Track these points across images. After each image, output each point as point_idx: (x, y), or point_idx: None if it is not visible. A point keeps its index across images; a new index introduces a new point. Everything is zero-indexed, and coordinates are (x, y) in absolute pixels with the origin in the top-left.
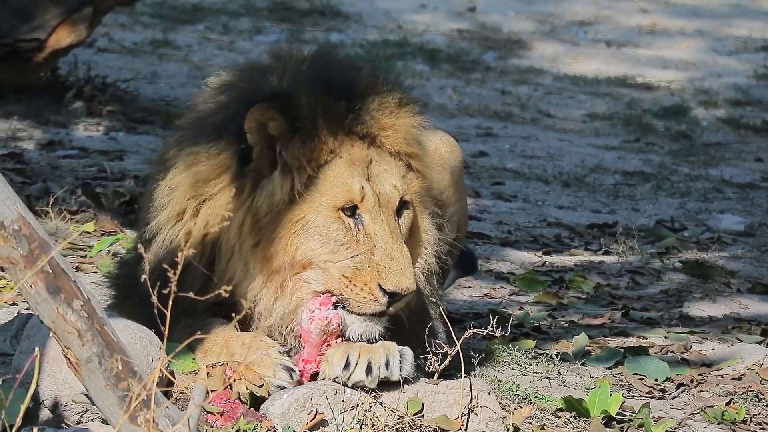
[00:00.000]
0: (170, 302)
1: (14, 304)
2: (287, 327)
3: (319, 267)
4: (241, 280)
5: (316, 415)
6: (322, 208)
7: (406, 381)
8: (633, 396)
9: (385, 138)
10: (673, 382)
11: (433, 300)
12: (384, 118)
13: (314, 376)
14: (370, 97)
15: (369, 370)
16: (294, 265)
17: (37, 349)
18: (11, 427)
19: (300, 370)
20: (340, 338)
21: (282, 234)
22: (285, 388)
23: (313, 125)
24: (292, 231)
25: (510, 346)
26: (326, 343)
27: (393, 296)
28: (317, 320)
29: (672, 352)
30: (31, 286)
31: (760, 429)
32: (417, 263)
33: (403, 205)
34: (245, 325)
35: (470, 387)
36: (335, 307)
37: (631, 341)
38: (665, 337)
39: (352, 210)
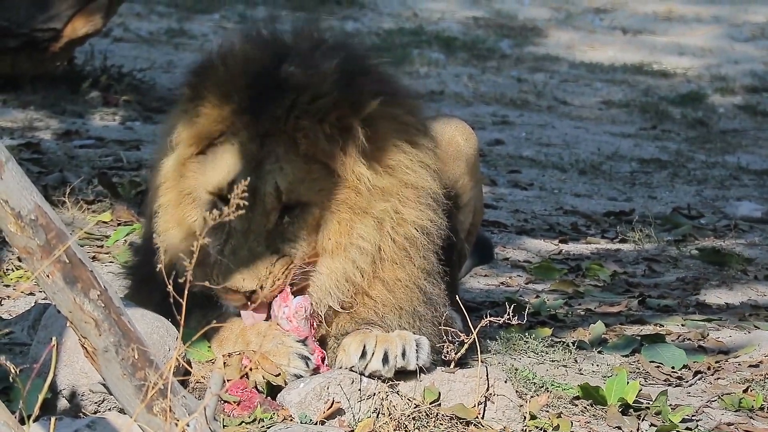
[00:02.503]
0: (186, 292)
1: (31, 293)
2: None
3: None
4: (163, 234)
5: (332, 404)
6: (201, 188)
7: (423, 370)
8: (650, 384)
9: (297, 140)
10: (690, 369)
11: (433, 275)
12: (300, 120)
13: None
14: (294, 96)
15: (385, 359)
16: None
17: (54, 338)
18: (29, 416)
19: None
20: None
21: (179, 202)
22: (301, 376)
23: (197, 110)
24: (186, 203)
25: (526, 334)
26: (312, 327)
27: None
28: (296, 314)
29: (689, 339)
30: (48, 276)
31: None
32: (339, 268)
33: (295, 206)
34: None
35: (487, 375)
36: (294, 294)
37: (648, 329)
38: (682, 325)
39: (224, 198)
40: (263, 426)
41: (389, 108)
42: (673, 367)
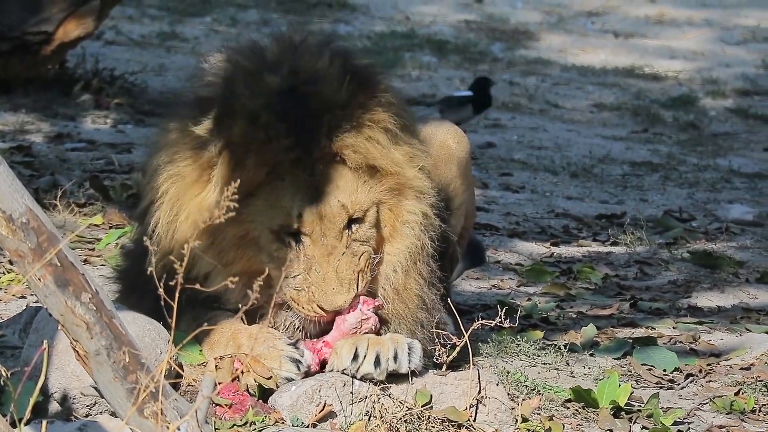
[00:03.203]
0: (176, 294)
1: (23, 297)
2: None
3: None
4: (205, 272)
5: (324, 406)
6: (262, 228)
7: (415, 373)
8: (642, 386)
9: (345, 156)
10: (681, 372)
11: (433, 282)
12: (343, 137)
13: (323, 364)
14: (328, 117)
15: (377, 362)
16: (252, 274)
17: (45, 342)
18: (20, 420)
19: (317, 350)
20: None
21: (231, 245)
22: (292, 379)
23: (243, 155)
24: (240, 244)
25: (518, 337)
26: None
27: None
28: (356, 312)
29: (680, 342)
30: (39, 279)
31: None
32: (402, 247)
33: (360, 216)
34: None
35: (479, 378)
36: (376, 312)
37: (640, 332)
38: (674, 328)
39: (292, 232)
40: (255, 429)
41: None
42: (664, 370)
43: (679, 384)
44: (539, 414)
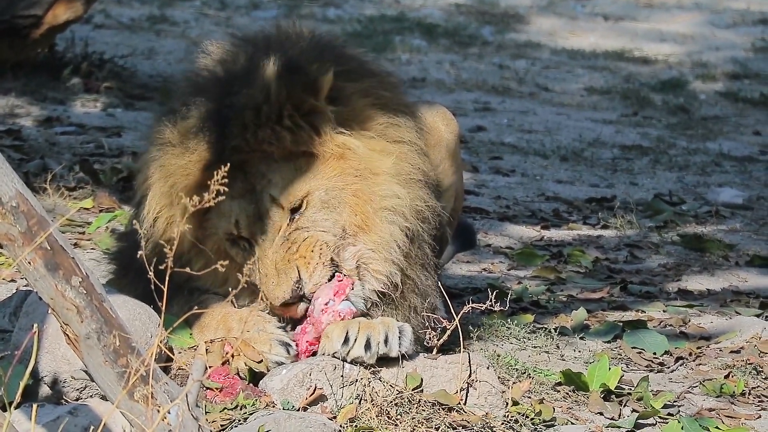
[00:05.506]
0: (167, 278)
1: (13, 280)
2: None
3: None
4: (190, 260)
5: (315, 390)
6: (218, 234)
7: (405, 356)
8: (632, 370)
9: (268, 149)
10: (671, 355)
11: (426, 266)
12: (259, 133)
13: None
14: (240, 119)
15: (368, 346)
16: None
17: (35, 325)
18: (11, 403)
19: (303, 351)
20: None
21: (206, 244)
22: (282, 363)
23: (177, 172)
24: (218, 253)
25: (509, 320)
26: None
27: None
28: (330, 313)
29: (670, 325)
30: (29, 263)
31: (759, 401)
32: (385, 235)
33: (299, 204)
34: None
35: (469, 361)
36: (347, 298)
37: (630, 315)
38: (664, 311)
39: (239, 237)
40: (246, 412)
41: (357, 83)
42: (654, 353)
43: (669, 367)
44: (529, 397)
